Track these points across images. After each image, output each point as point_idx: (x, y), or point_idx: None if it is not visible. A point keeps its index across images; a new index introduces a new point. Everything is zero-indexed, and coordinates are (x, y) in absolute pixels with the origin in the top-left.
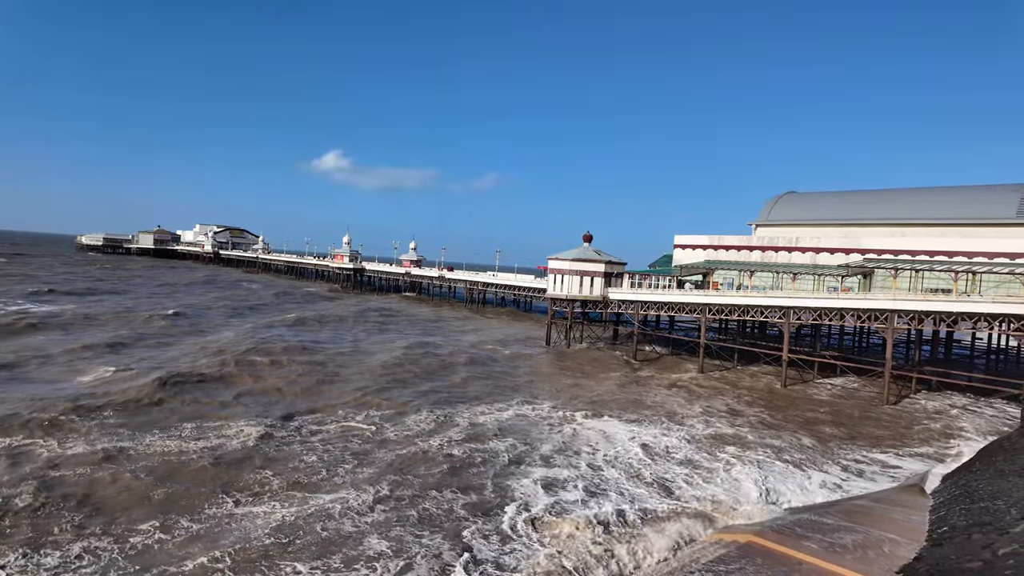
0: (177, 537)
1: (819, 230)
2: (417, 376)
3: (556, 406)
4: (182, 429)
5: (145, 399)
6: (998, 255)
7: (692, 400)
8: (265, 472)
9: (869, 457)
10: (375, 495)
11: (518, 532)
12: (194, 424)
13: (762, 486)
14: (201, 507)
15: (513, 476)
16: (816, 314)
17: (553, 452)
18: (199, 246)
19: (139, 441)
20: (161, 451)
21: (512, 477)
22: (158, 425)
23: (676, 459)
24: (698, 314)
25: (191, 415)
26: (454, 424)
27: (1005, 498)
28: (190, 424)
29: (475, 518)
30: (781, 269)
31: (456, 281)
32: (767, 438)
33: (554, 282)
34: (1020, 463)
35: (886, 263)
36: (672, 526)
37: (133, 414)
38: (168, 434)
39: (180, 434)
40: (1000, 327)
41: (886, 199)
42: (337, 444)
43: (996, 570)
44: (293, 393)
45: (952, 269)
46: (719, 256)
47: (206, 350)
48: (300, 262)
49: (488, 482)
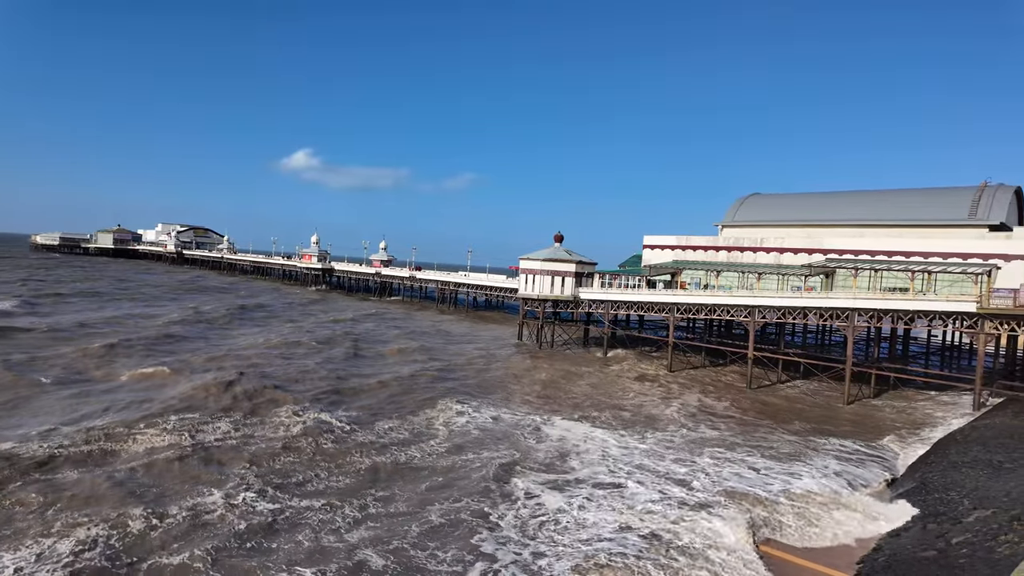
0: None
1: (783, 231)
2: (375, 392)
3: (531, 410)
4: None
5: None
6: (951, 255)
7: (666, 398)
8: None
9: (830, 451)
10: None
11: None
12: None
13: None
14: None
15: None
16: (780, 313)
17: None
18: (161, 246)
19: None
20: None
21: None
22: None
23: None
24: (667, 313)
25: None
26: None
27: (958, 489)
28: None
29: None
30: (747, 269)
31: (427, 281)
32: (736, 435)
33: (526, 282)
34: (972, 455)
35: (847, 263)
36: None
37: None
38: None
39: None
40: (953, 324)
41: (847, 201)
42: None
43: (950, 558)
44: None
45: (909, 269)
46: (687, 256)
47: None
48: (267, 262)
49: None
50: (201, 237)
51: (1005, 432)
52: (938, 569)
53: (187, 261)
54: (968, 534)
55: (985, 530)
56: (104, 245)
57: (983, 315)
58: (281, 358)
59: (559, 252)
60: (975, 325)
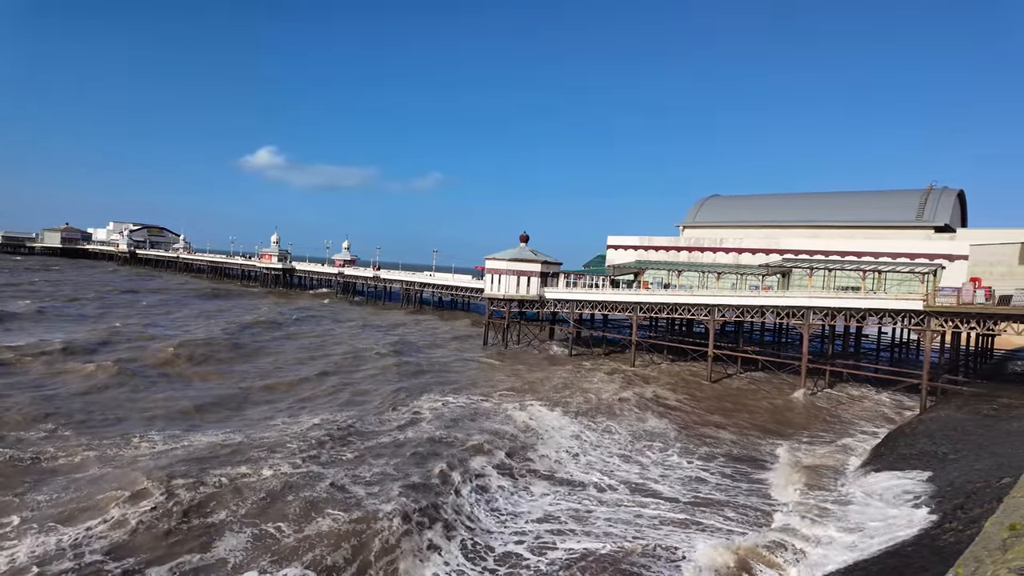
0: None
1: (741, 231)
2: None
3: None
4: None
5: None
6: (900, 255)
7: (626, 394)
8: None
9: (788, 445)
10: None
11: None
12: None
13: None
14: None
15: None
16: (739, 311)
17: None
18: (113, 245)
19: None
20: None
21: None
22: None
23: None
24: (630, 312)
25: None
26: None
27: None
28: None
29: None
30: (707, 269)
31: (391, 281)
32: (694, 432)
33: (491, 282)
34: (919, 447)
35: (802, 263)
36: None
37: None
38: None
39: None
40: (902, 322)
41: (802, 202)
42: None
43: (896, 547)
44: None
45: (860, 268)
46: (649, 256)
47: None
48: (227, 262)
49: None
50: (156, 236)
51: (949, 425)
52: (887, 557)
53: (140, 261)
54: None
55: (931, 519)
56: (51, 244)
57: (929, 313)
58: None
59: (524, 252)
60: (922, 322)
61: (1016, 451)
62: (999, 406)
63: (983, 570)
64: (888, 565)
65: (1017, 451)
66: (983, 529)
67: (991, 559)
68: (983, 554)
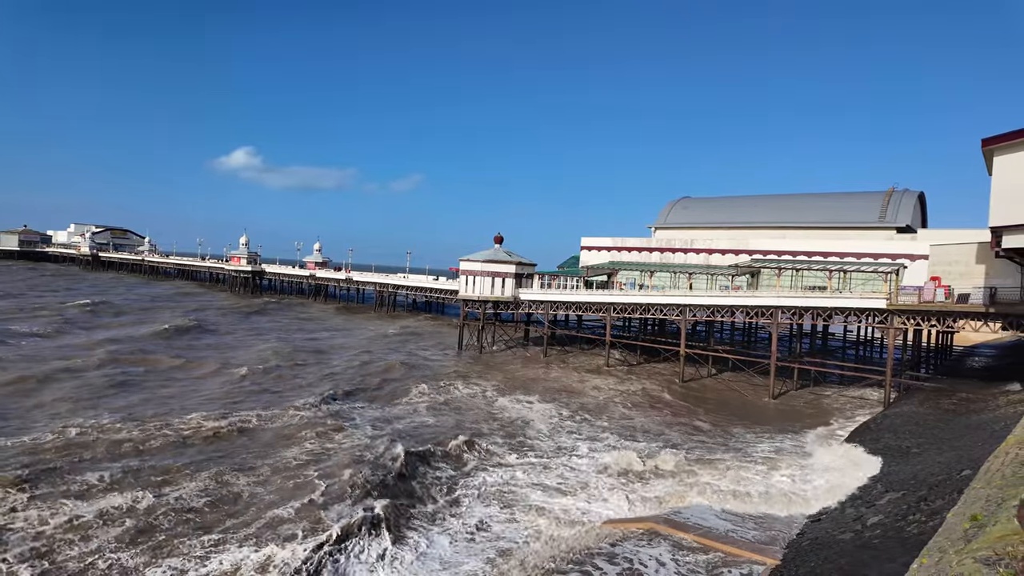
0: None
1: (712, 232)
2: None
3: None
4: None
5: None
6: (864, 255)
7: (601, 391)
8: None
9: (759, 439)
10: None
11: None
12: None
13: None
14: None
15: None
16: (710, 311)
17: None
18: (75, 248)
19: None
20: None
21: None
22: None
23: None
24: (604, 313)
25: None
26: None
27: (872, 474)
28: None
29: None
30: (678, 269)
31: (365, 283)
32: (667, 424)
33: (466, 283)
34: (883, 442)
35: (771, 263)
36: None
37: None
38: None
39: None
40: (866, 320)
41: (770, 204)
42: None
43: (864, 539)
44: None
45: (826, 268)
46: (622, 257)
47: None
48: (195, 265)
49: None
50: (120, 239)
51: (912, 420)
52: (855, 549)
53: (104, 264)
54: (881, 516)
55: (896, 511)
56: (8, 247)
57: (892, 311)
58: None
59: (499, 253)
60: (885, 320)
61: (975, 444)
62: (958, 400)
63: (947, 559)
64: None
65: (976, 444)
66: (945, 520)
67: (954, 549)
68: (947, 544)
